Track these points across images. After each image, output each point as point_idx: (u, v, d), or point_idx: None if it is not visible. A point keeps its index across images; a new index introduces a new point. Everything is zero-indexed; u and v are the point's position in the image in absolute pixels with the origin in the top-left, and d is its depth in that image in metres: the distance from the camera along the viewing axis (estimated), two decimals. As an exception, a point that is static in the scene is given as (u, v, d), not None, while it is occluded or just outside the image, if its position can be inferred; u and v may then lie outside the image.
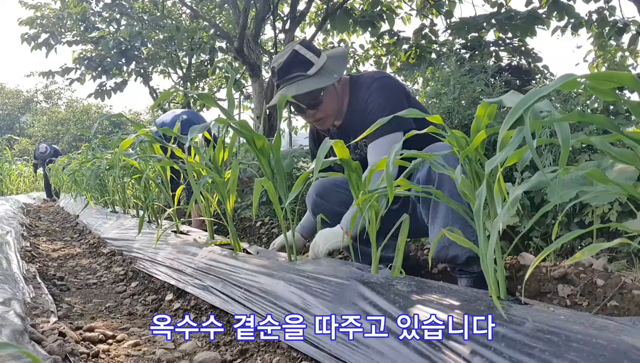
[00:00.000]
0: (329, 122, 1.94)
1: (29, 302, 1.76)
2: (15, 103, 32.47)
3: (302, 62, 1.82)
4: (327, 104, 1.88)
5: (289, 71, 1.83)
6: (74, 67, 9.48)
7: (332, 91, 1.88)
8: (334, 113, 1.91)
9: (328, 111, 1.90)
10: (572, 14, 6.54)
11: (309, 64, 1.82)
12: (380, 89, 1.84)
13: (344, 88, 1.94)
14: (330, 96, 1.87)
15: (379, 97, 1.82)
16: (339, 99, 1.92)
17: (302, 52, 1.82)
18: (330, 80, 1.82)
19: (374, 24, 7.87)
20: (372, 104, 1.82)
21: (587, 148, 2.32)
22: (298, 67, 1.82)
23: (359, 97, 1.90)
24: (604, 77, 0.78)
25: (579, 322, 0.89)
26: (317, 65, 1.82)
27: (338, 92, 1.90)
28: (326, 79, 1.82)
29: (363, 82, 1.90)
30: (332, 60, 1.87)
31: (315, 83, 1.80)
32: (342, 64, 1.87)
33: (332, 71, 1.83)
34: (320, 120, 1.93)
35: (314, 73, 1.81)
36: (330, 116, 1.92)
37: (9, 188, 10.87)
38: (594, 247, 0.86)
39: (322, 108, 1.88)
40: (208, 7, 9.68)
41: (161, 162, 2.68)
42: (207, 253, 2.05)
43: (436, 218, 1.61)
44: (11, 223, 4.04)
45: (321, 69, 1.82)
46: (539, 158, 1.88)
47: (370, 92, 1.84)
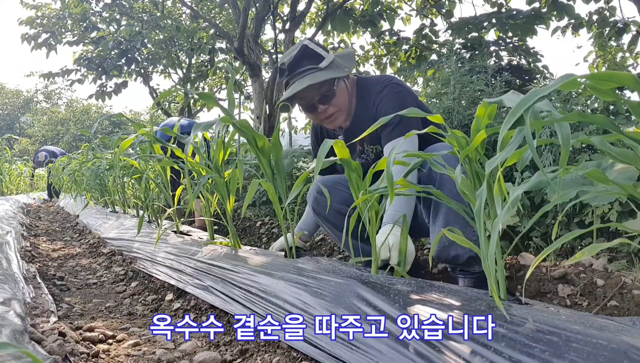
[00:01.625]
0: (340, 119, 1.90)
1: (29, 302, 1.76)
2: (15, 103, 32.48)
3: (313, 56, 1.81)
4: (339, 99, 1.85)
5: (300, 64, 1.80)
6: (74, 68, 9.48)
7: (344, 86, 1.86)
8: (345, 109, 1.89)
9: (340, 105, 1.86)
10: (571, 14, 6.54)
11: (320, 58, 1.81)
12: (391, 95, 1.82)
13: (352, 88, 1.93)
14: (342, 90, 1.86)
15: (390, 104, 1.79)
16: (350, 96, 1.90)
17: (311, 47, 1.82)
18: (342, 72, 1.80)
19: (374, 24, 7.88)
20: (384, 110, 1.79)
21: (587, 148, 2.32)
22: (309, 60, 1.80)
23: (368, 102, 1.88)
24: (604, 77, 0.78)
25: (579, 322, 0.89)
26: (328, 59, 1.81)
27: (348, 89, 1.89)
28: (339, 71, 1.80)
29: (372, 86, 1.88)
30: (340, 58, 1.86)
31: (329, 74, 1.78)
32: (350, 62, 1.86)
33: (343, 65, 1.82)
34: (331, 116, 1.89)
35: (325, 66, 1.79)
36: (342, 112, 1.89)
37: (9, 188, 10.87)
38: (594, 247, 0.86)
39: (334, 102, 1.85)
40: (208, 7, 9.68)
41: (161, 162, 2.68)
42: (207, 252, 2.05)
43: (437, 218, 1.61)
44: (11, 223, 4.04)
45: (332, 63, 1.81)
46: (539, 157, 1.88)
47: (381, 99, 1.82)
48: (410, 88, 1.91)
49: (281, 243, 2.06)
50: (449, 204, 1.22)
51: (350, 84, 1.91)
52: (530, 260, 1.80)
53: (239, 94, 10.48)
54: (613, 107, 2.56)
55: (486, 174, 0.95)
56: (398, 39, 8.07)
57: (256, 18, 7.24)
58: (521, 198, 2.20)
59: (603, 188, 0.90)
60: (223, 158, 2.07)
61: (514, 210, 2.00)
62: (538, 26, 6.26)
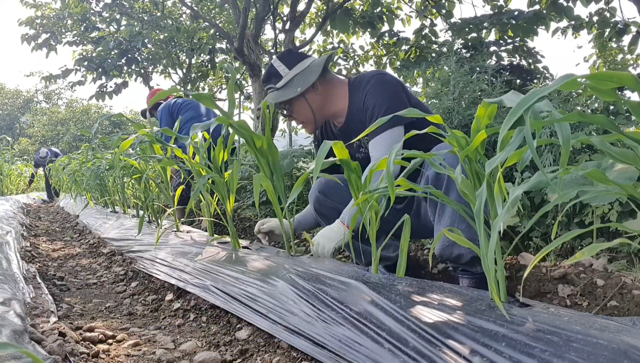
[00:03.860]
0: (310, 127, 2.06)
1: (29, 302, 1.76)
2: (15, 103, 32.49)
3: (275, 75, 1.96)
4: (299, 113, 1.99)
5: (267, 81, 1.99)
6: (74, 68, 9.49)
7: (301, 101, 1.95)
8: (310, 120, 2.01)
9: (302, 118, 2.01)
10: (571, 15, 6.53)
11: (279, 77, 1.95)
12: (377, 85, 1.87)
13: (340, 90, 1.99)
14: (300, 105, 1.96)
15: (375, 94, 1.86)
16: (320, 106, 1.98)
17: (275, 65, 1.97)
18: (292, 93, 1.92)
19: (374, 25, 7.88)
20: (370, 101, 1.86)
21: (587, 148, 2.32)
22: (272, 79, 1.97)
23: (357, 97, 1.93)
24: (604, 77, 0.78)
25: (579, 322, 0.89)
26: (286, 78, 1.94)
27: (313, 100, 1.96)
28: (289, 91, 1.92)
29: (360, 81, 1.95)
30: (306, 70, 1.95)
31: (279, 96, 1.93)
32: (311, 75, 1.93)
33: (297, 84, 1.93)
34: (302, 124, 2.07)
35: (281, 86, 1.95)
36: (308, 123, 2.03)
37: (8, 188, 10.87)
38: (594, 247, 0.86)
39: (295, 116, 2.01)
40: (208, 7, 9.68)
41: (161, 162, 2.68)
42: (208, 252, 2.05)
43: (443, 217, 1.61)
44: (11, 223, 4.04)
45: (289, 82, 1.94)
46: (539, 158, 1.88)
47: (367, 90, 1.88)
48: (398, 79, 1.94)
49: (270, 226, 2.09)
50: (451, 205, 1.22)
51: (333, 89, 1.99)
52: (530, 260, 1.80)
53: (239, 94, 10.48)
54: (613, 108, 2.56)
55: (486, 174, 0.95)
56: (398, 39, 8.08)
57: (256, 18, 7.24)
58: (521, 198, 2.20)
59: (603, 188, 0.90)
60: (223, 158, 2.08)
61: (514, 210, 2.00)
62: (538, 27, 6.27)
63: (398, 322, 1.04)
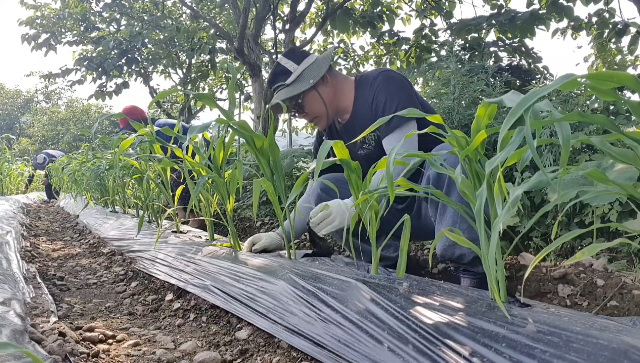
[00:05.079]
0: (323, 122, 2.04)
1: (29, 302, 1.75)
2: (15, 103, 32.47)
3: (283, 72, 1.96)
4: (311, 107, 1.98)
5: (275, 80, 1.99)
6: (74, 68, 9.48)
7: (313, 94, 1.96)
8: (323, 114, 2.00)
9: (315, 112, 2.00)
10: (570, 16, 6.54)
11: (288, 73, 1.95)
12: (385, 82, 1.89)
13: (347, 87, 2.00)
14: (311, 99, 1.97)
15: (385, 90, 1.87)
16: (332, 99, 1.99)
17: (282, 63, 1.98)
18: (305, 85, 1.92)
19: (374, 25, 7.88)
20: (380, 97, 1.88)
21: (587, 148, 2.32)
22: (280, 77, 1.97)
23: (365, 93, 1.95)
24: (604, 77, 0.78)
25: (579, 322, 0.89)
26: (296, 73, 1.94)
27: (324, 93, 1.97)
28: (302, 85, 1.93)
29: (367, 78, 1.96)
30: (314, 64, 1.96)
31: (291, 91, 1.93)
32: (321, 68, 1.95)
33: (309, 76, 1.93)
34: (313, 121, 2.05)
35: (291, 82, 1.94)
36: (320, 118, 2.02)
37: (8, 188, 10.87)
38: (594, 247, 0.86)
39: (307, 111, 2.00)
40: (208, 7, 9.68)
41: (161, 162, 2.68)
42: (208, 252, 2.05)
43: (444, 217, 1.61)
44: (11, 223, 4.04)
45: (300, 76, 1.94)
46: (539, 158, 1.88)
47: (376, 87, 1.90)
48: (404, 76, 1.96)
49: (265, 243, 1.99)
50: (452, 205, 1.22)
51: (340, 83, 2.00)
52: (530, 260, 1.80)
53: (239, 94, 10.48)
54: (613, 108, 2.56)
55: (486, 174, 0.95)
56: (398, 39, 8.08)
57: (256, 18, 7.25)
58: (521, 198, 2.20)
59: (603, 188, 0.90)
60: (223, 158, 2.08)
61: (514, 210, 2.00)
62: (538, 27, 6.27)
63: (398, 322, 1.04)
